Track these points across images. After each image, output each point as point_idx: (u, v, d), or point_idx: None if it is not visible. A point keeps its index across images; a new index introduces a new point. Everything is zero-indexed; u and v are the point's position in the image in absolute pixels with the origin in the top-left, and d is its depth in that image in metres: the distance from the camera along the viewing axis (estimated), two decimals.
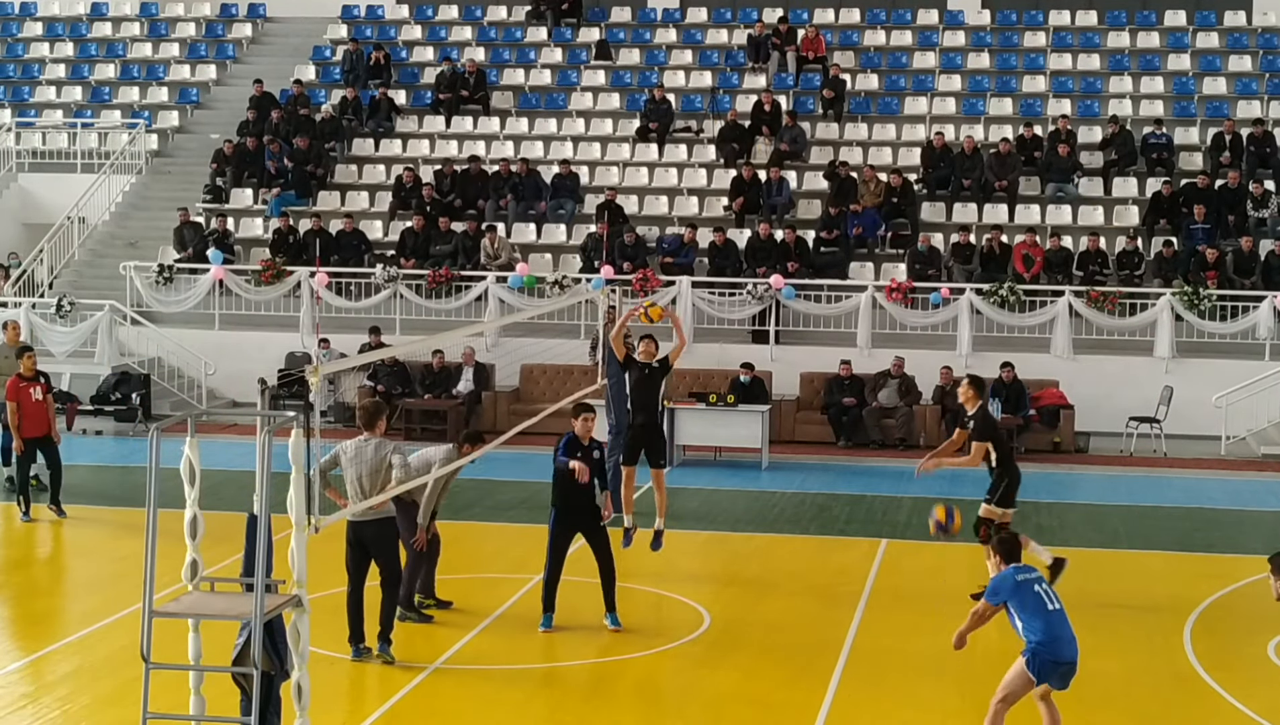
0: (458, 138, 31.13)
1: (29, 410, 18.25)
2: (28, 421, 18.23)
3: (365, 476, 12.36)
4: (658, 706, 12.18)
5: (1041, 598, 10.42)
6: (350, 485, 12.42)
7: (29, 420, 18.24)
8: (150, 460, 8.74)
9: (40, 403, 18.34)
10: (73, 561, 17.33)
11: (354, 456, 12.44)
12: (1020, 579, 10.50)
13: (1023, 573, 10.58)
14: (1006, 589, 10.48)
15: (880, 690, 12.43)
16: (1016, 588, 10.43)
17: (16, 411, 18.20)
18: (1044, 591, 10.46)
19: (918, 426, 24.49)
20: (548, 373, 25.73)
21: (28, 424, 18.23)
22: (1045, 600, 10.41)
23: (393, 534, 12.78)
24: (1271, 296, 24.86)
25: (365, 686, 12.38)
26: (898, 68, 32.17)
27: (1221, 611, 14.73)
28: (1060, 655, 10.36)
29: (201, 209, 29.55)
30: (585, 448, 13.77)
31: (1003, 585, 10.52)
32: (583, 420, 13.82)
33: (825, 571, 16.50)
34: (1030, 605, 10.39)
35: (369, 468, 12.38)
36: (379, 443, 12.51)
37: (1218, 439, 24.07)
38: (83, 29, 35.91)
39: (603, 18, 34.17)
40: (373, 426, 12.58)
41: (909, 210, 27.88)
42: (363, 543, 12.59)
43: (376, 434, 12.56)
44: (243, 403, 25.83)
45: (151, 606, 8.78)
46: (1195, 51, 31.88)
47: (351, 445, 12.50)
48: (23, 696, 11.91)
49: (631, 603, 15.24)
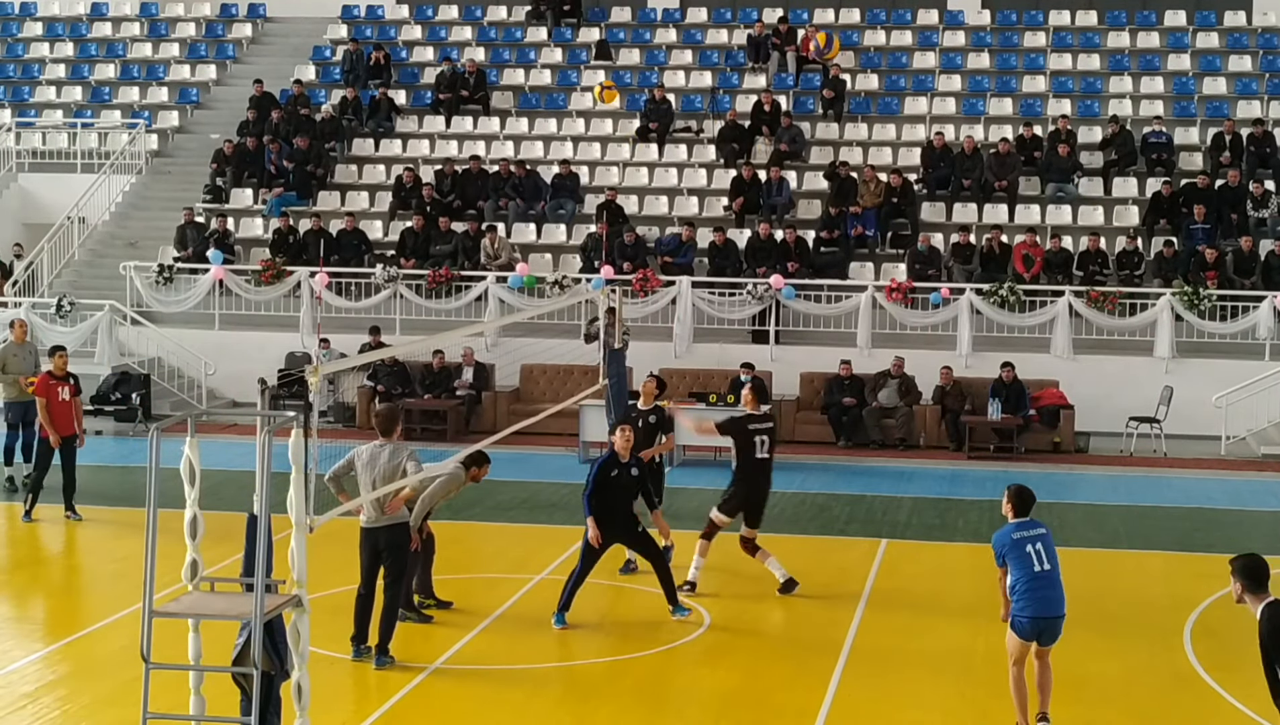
0: (458, 138, 31.13)
1: (55, 409, 18.23)
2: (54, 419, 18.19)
3: (380, 482, 12.33)
4: (658, 706, 12.18)
5: (1031, 557, 10.74)
6: (364, 490, 12.39)
7: (54, 418, 18.20)
8: (150, 460, 8.74)
9: (66, 403, 18.33)
10: (73, 561, 17.33)
11: (368, 462, 12.42)
12: (1016, 537, 10.87)
13: (1022, 529, 10.90)
14: (1003, 546, 10.85)
15: (880, 690, 12.43)
16: (1012, 545, 10.72)
17: (46, 407, 18.18)
18: (1037, 552, 10.72)
19: (918, 426, 24.49)
20: (548, 373, 25.73)
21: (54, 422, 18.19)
22: (1034, 560, 10.71)
23: (406, 538, 12.78)
24: (1271, 296, 24.86)
25: (365, 686, 12.38)
26: (898, 68, 32.17)
27: (1221, 611, 14.72)
28: (1038, 612, 10.66)
29: (202, 209, 29.54)
30: (624, 465, 13.91)
31: (1000, 544, 10.90)
32: (622, 435, 14.00)
33: (825, 571, 16.49)
34: (1020, 563, 10.73)
35: (383, 473, 12.36)
36: (394, 448, 12.52)
37: (1218, 439, 24.07)
38: (83, 29, 35.91)
39: (603, 18, 34.17)
40: (390, 432, 12.57)
41: (909, 210, 27.88)
42: (377, 549, 12.58)
43: (393, 439, 12.56)
44: (243, 403, 25.84)
45: (151, 606, 8.78)
46: (1195, 51, 31.88)
47: (366, 450, 12.49)
48: (23, 696, 11.91)
49: (632, 603, 15.25)
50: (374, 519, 12.46)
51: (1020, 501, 11.03)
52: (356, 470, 12.48)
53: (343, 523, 12.11)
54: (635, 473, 13.99)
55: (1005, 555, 10.84)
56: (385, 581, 12.68)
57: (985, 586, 16.35)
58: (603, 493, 13.76)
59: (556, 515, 18.84)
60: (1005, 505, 11.11)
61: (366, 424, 23.47)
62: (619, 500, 13.86)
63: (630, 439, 14.03)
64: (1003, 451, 23.68)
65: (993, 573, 11.28)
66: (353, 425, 24.93)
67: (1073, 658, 13.17)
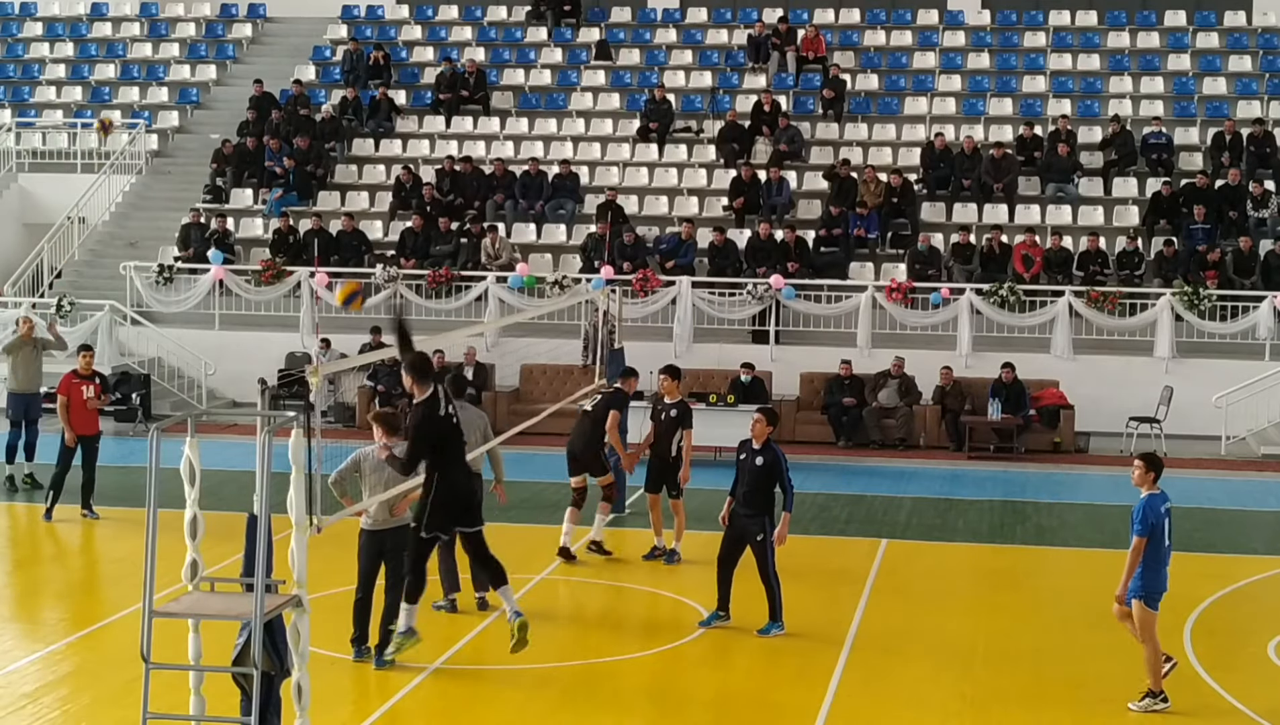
0: (458, 138, 31.13)
1: (77, 408, 18.18)
2: (75, 419, 18.16)
3: (390, 484, 12.32)
4: (658, 706, 12.17)
5: (1167, 531, 10.60)
6: (371, 492, 12.37)
7: (77, 417, 18.17)
8: (150, 460, 8.74)
9: (91, 402, 18.32)
10: (73, 561, 17.32)
11: (377, 464, 12.38)
12: (1165, 507, 10.70)
13: (1166, 501, 10.74)
14: (1158, 517, 10.59)
15: (880, 690, 12.42)
16: (1163, 516, 10.55)
17: (67, 406, 18.17)
18: (1169, 527, 10.64)
19: (918, 426, 24.50)
20: (548, 373, 25.73)
21: (75, 421, 18.16)
22: (1167, 534, 10.60)
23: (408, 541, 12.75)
24: (1271, 296, 24.86)
25: (365, 686, 12.38)
26: (898, 68, 32.17)
27: (1221, 611, 14.73)
28: (1165, 586, 10.73)
29: (202, 209, 29.54)
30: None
31: (1155, 514, 10.59)
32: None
33: (825, 571, 16.49)
34: (1162, 537, 10.54)
35: (393, 475, 12.32)
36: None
37: (1218, 439, 24.07)
38: (83, 29, 35.91)
39: (603, 18, 34.18)
40: (396, 432, 12.57)
41: (909, 210, 27.88)
42: (381, 552, 12.57)
43: (397, 441, 12.56)
44: (243, 403, 25.84)
45: (151, 606, 8.78)
46: (1195, 51, 31.88)
47: (372, 452, 12.46)
48: (23, 696, 11.90)
49: (632, 603, 15.25)
50: (381, 522, 12.44)
51: (1159, 469, 10.71)
52: (363, 472, 12.45)
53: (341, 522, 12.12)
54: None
55: (1156, 526, 10.53)
56: (386, 584, 12.67)
57: (985, 587, 16.42)
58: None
59: (556, 515, 18.79)
60: (1145, 473, 10.79)
61: (367, 424, 23.42)
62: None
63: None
64: (1003, 451, 23.69)
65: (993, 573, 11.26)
66: (353, 425, 24.93)
67: (1073, 657, 13.18)
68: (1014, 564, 17.22)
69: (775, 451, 13.55)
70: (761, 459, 13.48)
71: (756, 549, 13.51)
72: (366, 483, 12.43)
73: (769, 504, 13.57)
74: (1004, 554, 17.58)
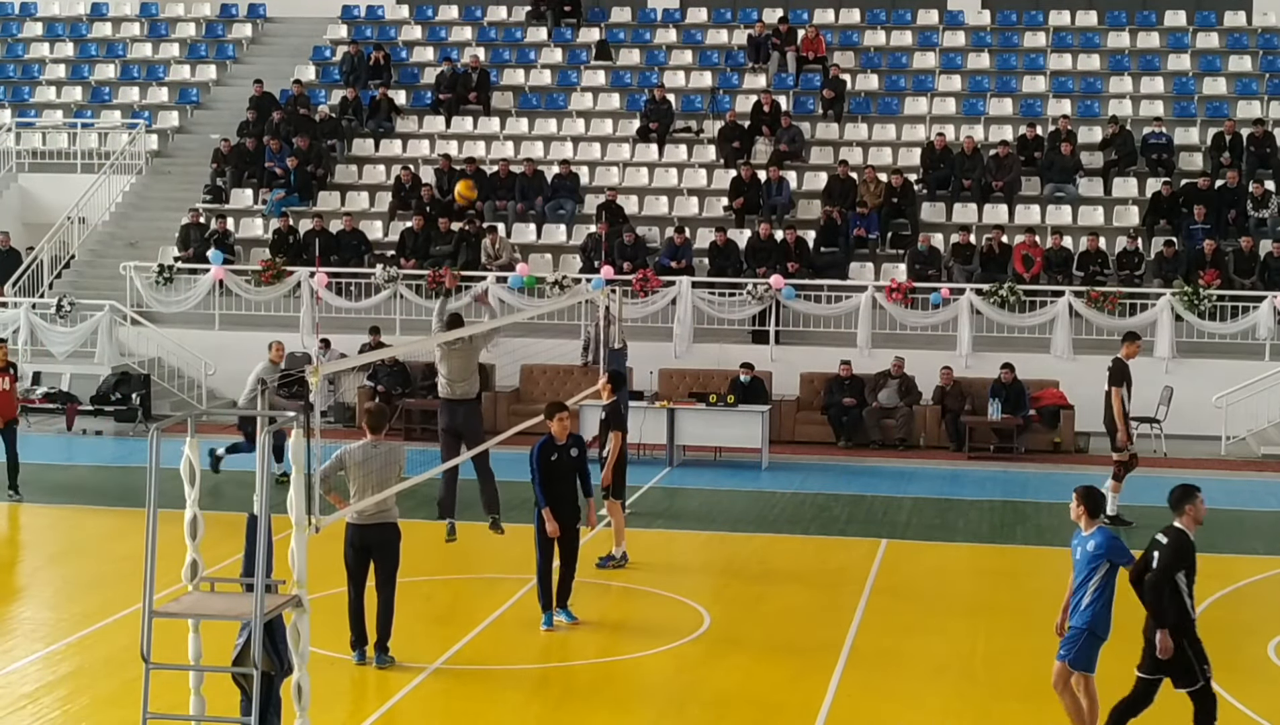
0: (458, 138, 31.12)
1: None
2: None
3: (376, 480, 12.32)
4: (658, 706, 12.18)
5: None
6: (356, 489, 12.37)
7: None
8: (150, 460, 8.75)
9: (6, 392, 19.44)
10: (73, 561, 17.30)
11: (362, 460, 12.39)
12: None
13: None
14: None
15: (880, 690, 12.43)
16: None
17: None
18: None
19: (918, 427, 24.49)
20: (548, 373, 25.72)
21: None
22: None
23: (395, 538, 12.73)
24: (1271, 296, 24.85)
25: (365, 686, 12.39)
26: (898, 68, 32.16)
27: (1221, 611, 14.72)
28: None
29: (202, 209, 29.54)
30: (562, 447, 13.79)
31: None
32: (558, 420, 13.84)
33: (825, 571, 16.50)
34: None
35: (379, 471, 12.34)
36: (390, 448, 12.53)
37: (1218, 439, 24.06)
38: (83, 29, 35.91)
39: (603, 18, 34.17)
40: (379, 430, 12.59)
41: (909, 210, 27.88)
42: (367, 547, 12.56)
43: (382, 438, 12.57)
44: None
45: (151, 606, 8.79)
46: (1195, 51, 31.88)
47: (359, 449, 12.45)
48: (23, 696, 11.91)
49: (632, 603, 15.25)
50: (366, 515, 12.40)
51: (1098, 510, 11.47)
52: (347, 469, 12.42)
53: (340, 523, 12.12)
54: (575, 454, 13.94)
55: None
56: (377, 581, 12.65)
57: (985, 587, 16.42)
58: (548, 479, 13.72)
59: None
60: (1086, 514, 11.25)
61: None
62: (565, 484, 13.84)
63: (566, 423, 13.95)
64: (1003, 452, 23.68)
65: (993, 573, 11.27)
66: (353, 425, 24.91)
67: None
68: (1014, 564, 17.22)
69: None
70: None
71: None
72: (353, 478, 12.40)
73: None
74: (1004, 554, 17.58)
